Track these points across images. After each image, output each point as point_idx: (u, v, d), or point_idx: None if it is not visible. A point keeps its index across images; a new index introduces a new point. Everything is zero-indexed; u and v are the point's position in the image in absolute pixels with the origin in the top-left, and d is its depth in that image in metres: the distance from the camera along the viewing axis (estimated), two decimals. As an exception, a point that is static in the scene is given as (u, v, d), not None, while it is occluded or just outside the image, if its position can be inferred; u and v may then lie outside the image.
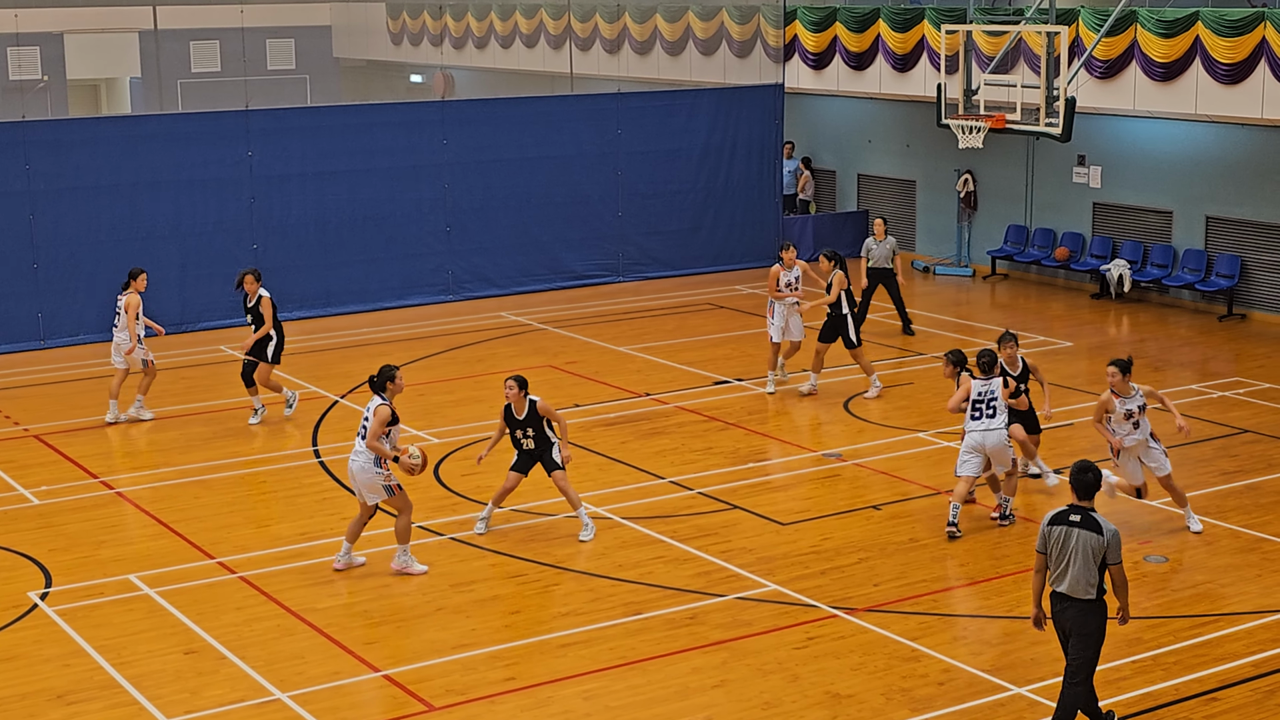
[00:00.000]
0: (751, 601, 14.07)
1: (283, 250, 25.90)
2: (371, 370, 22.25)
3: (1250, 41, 23.08)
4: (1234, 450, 18.44)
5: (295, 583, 14.62)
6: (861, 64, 29.59)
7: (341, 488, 17.34)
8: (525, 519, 16.21)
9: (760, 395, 21.03)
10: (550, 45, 37.20)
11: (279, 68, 47.04)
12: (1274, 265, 25.30)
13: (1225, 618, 13.61)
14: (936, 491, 16.96)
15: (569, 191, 28.53)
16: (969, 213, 30.08)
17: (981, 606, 13.93)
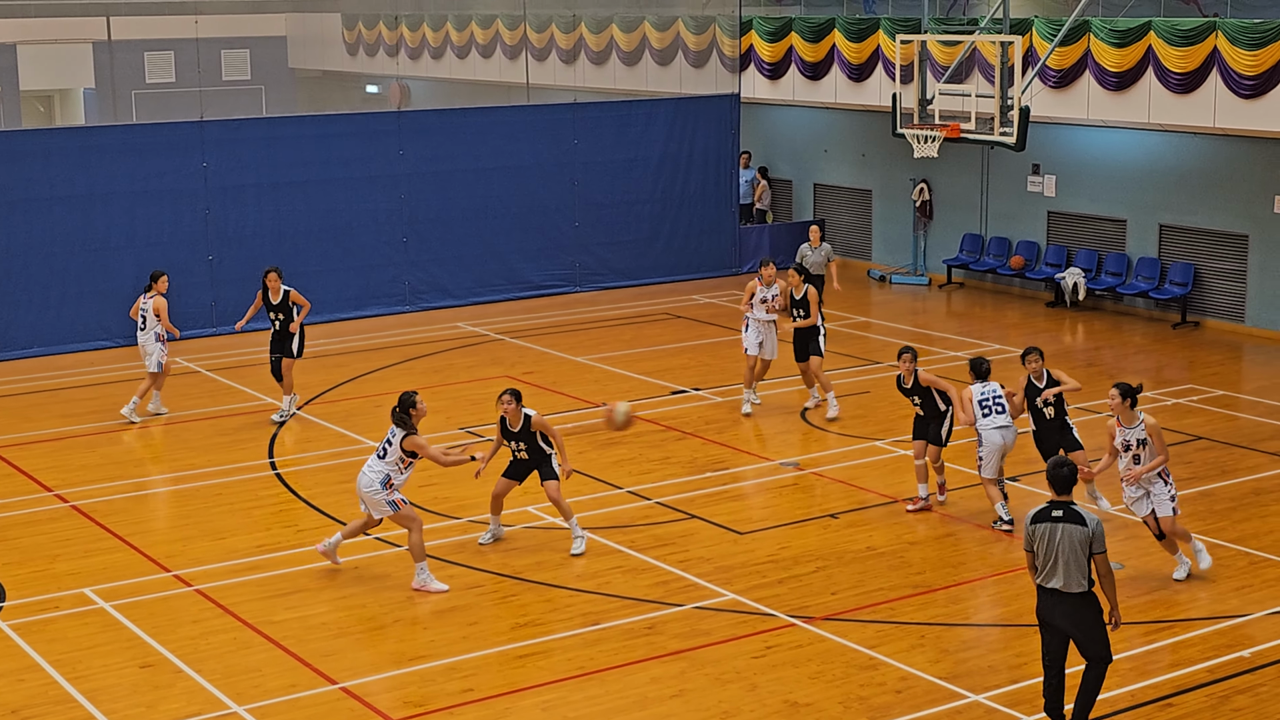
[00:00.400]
0: (709, 611, 14.07)
1: (238, 261, 25.77)
2: (329, 381, 22.30)
3: (1202, 51, 23.25)
4: (1188, 457, 18.55)
5: (252, 595, 14.54)
6: (817, 74, 29.68)
7: (298, 500, 17.28)
8: (484, 529, 16.16)
9: (717, 405, 21.05)
10: (506, 55, 37.18)
11: (234, 78, 46.85)
12: (1227, 273, 25.49)
13: (1180, 624, 13.69)
14: (894, 500, 17.01)
15: (526, 202, 28.52)
16: (925, 222, 30.20)
17: (939, 614, 13.96)
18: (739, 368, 23.19)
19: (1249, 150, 24.64)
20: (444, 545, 15.73)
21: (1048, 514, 11.15)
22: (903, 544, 15.70)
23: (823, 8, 31.09)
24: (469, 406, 20.96)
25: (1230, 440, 19.22)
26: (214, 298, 25.66)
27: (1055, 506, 11.15)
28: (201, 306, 25.61)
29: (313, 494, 17.49)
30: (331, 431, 20.04)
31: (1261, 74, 22.54)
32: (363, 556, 15.46)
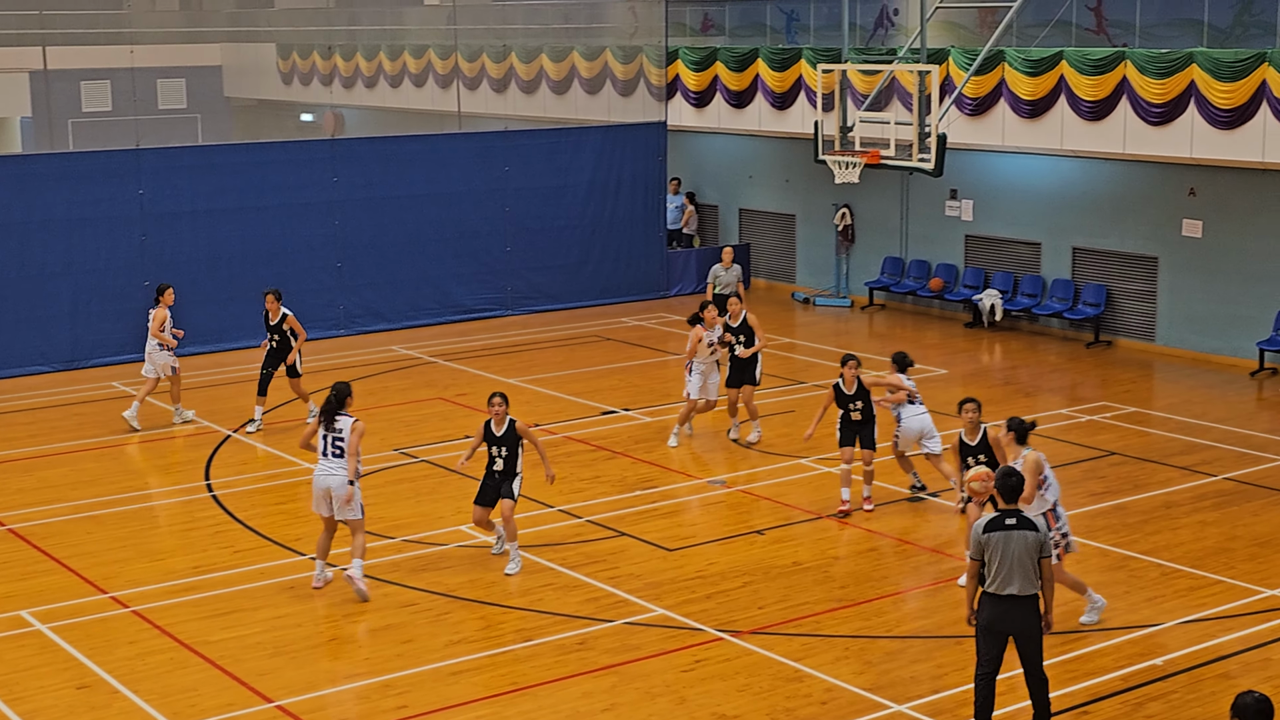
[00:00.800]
0: (639, 626, 14.05)
1: (174, 287, 25.37)
2: (265, 405, 22.12)
3: (1112, 80, 23.53)
4: (1101, 472, 18.72)
5: (189, 616, 14.39)
6: (741, 102, 29.80)
7: (235, 521, 17.13)
8: (417, 549, 16.08)
9: (647, 425, 21.05)
10: (438, 84, 37.10)
11: (170, 107, 46.51)
12: (1138, 294, 25.77)
13: (1095, 633, 13.79)
14: (818, 515, 17.07)
15: (458, 227, 28.45)
16: (847, 245, 30.36)
17: (863, 627, 14.01)
18: (667, 388, 23.25)
19: (1158, 175, 24.94)
20: (379, 565, 15.63)
21: (1001, 522, 11.25)
22: (827, 559, 15.75)
23: (747, 38, 31.25)
24: (403, 429, 20.85)
25: (1142, 455, 19.41)
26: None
27: (1007, 515, 11.27)
28: (138, 331, 25.25)
29: (249, 515, 17.34)
30: (267, 454, 19.89)
31: (1168, 102, 22.84)
32: (299, 576, 15.34)
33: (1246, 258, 24.13)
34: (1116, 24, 24.97)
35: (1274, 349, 23.55)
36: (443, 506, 17.57)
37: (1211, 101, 22.31)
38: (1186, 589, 14.83)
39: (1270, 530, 16.51)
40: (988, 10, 26.86)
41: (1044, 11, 25.25)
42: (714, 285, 24.42)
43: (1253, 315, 24.10)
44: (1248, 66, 21.88)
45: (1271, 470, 18.69)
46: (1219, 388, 23.04)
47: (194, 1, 52.70)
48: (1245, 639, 13.63)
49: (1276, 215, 23.66)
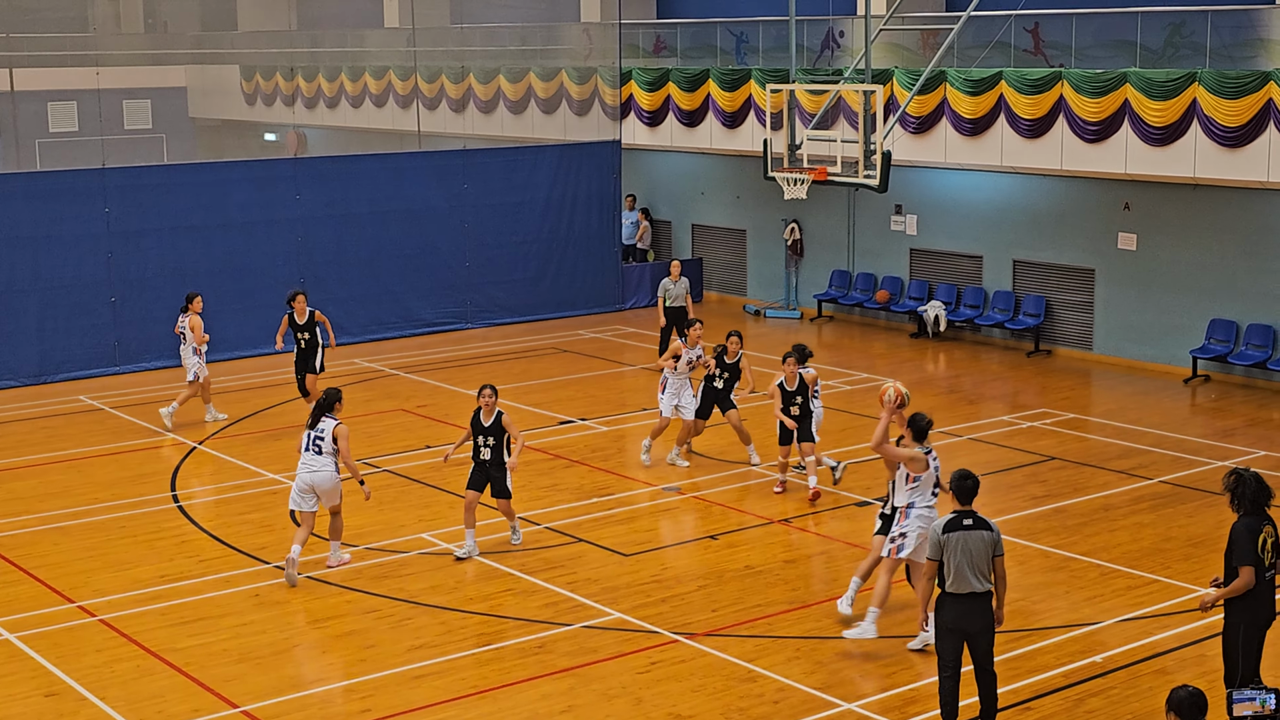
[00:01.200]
0: (597, 630, 14.02)
1: (140, 303, 25.40)
2: (230, 416, 22.00)
3: (1049, 99, 23.68)
4: (1043, 476, 18.81)
5: (155, 624, 14.28)
6: (693, 121, 29.84)
7: (200, 531, 17.02)
8: (380, 556, 16.02)
9: (603, 434, 21.03)
10: (399, 105, 37.03)
11: (136, 127, 46.23)
12: (1076, 304, 25.93)
13: (1037, 632, 13.85)
14: (770, 521, 17.08)
15: (418, 243, 28.38)
16: (796, 259, 30.44)
17: (814, 628, 14.02)
18: (624, 398, 23.26)
19: (1094, 190, 25.11)
20: (342, 572, 15.56)
21: (959, 523, 11.28)
22: (779, 563, 15.77)
23: (698, 59, 31.29)
24: (366, 439, 20.76)
25: (1081, 460, 19.51)
26: (117, 338, 25.25)
27: (964, 515, 11.30)
28: (105, 346, 25.19)
29: (214, 525, 17.22)
30: (232, 465, 19.77)
31: (1103, 120, 23.00)
32: (265, 584, 15.25)
33: (1179, 269, 24.32)
34: (1053, 45, 25.14)
35: (1206, 357, 23.73)
36: (404, 515, 17.50)
37: (1144, 120, 22.49)
38: (1124, 588, 14.92)
39: (1204, 531, 16.62)
40: (929, 32, 27.01)
41: (983, 33, 25.41)
42: (664, 299, 24.43)
43: (1185, 324, 24.28)
44: (1179, 86, 22.06)
45: (1205, 473, 18.83)
46: (1154, 394, 23.20)
47: (159, 24, 52.41)
48: (1181, 636, 13.72)
49: (1208, 228, 23.86)
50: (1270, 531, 11.21)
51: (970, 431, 20.87)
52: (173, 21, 52.44)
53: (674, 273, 24.49)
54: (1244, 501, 11.22)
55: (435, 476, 18.90)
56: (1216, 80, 21.66)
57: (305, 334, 21.34)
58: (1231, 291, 23.70)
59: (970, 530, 11.26)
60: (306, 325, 21.32)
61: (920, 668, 12.96)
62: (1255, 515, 11.21)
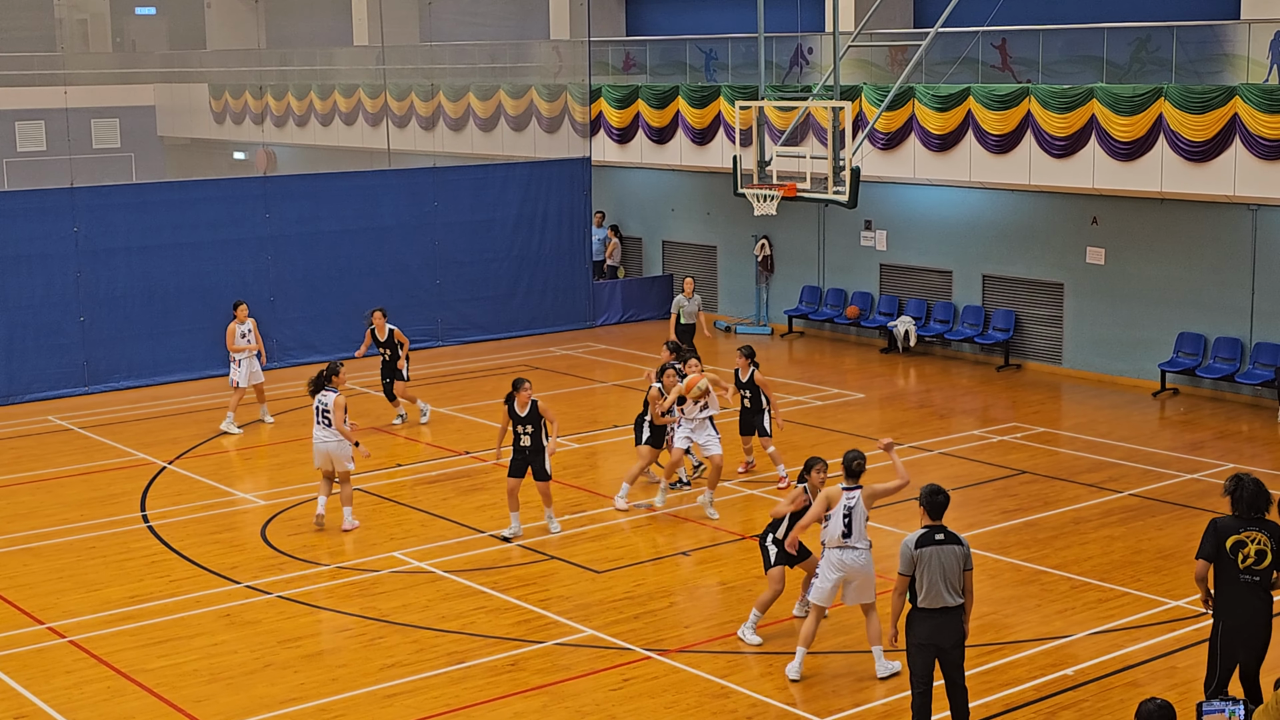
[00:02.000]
0: (569, 647, 14.00)
1: (110, 322, 25.30)
2: (200, 435, 21.93)
3: (1017, 114, 23.80)
4: (1013, 490, 18.86)
5: (125, 645, 14.20)
6: (663, 138, 29.89)
7: (170, 551, 16.93)
8: (351, 575, 15.96)
9: (575, 450, 21.02)
10: (368, 122, 37.00)
11: (104, 146, 46.08)
12: (1045, 319, 26.04)
13: (1009, 645, 13.89)
14: (742, 537, 17.08)
15: (388, 261, 28.33)
16: (766, 275, 30.49)
17: (787, 644, 14.01)
18: (595, 414, 23.24)
19: (1062, 205, 25.24)
20: (314, 591, 15.50)
21: (931, 538, 11.29)
22: (751, 578, 15.76)
23: (667, 76, 31.37)
24: (336, 457, 20.68)
25: (1051, 474, 19.58)
26: (85, 357, 25.13)
27: (936, 530, 11.32)
28: (74, 366, 25.07)
29: (184, 545, 17.14)
30: (202, 484, 19.69)
31: (1071, 135, 23.12)
32: (235, 604, 15.18)
33: (1147, 283, 24.45)
34: (1021, 61, 25.27)
35: (1175, 370, 23.85)
36: (376, 533, 17.45)
37: (1111, 135, 22.61)
38: (1095, 601, 14.97)
39: (1174, 543, 16.69)
40: (898, 48, 27.11)
41: (951, 49, 25.52)
42: (678, 315, 24.41)
43: (1154, 338, 24.41)
44: (1145, 101, 22.20)
45: (1174, 486, 18.92)
46: (1123, 408, 23.30)
47: (127, 43, 52.28)
48: (1151, 648, 13.77)
49: (1175, 243, 24.00)
50: (1256, 538, 11.27)
51: (941, 446, 20.93)
52: (141, 40, 52.34)
53: (688, 289, 24.36)
54: (1239, 504, 11.36)
55: (407, 495, 18.86)
56: (1182, 95, 21.80)
57: (387, 349, 22.16)
58: (1199, 305, 23.84)
59: (943, 545, 11.28)
60: (387, 342, 22.08)
61: (893, 683, 12.98)
62: (1240, 518, 11.32)
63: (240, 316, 22.46)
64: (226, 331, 22.48)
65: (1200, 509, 17.89)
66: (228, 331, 22.45)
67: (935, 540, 11.29)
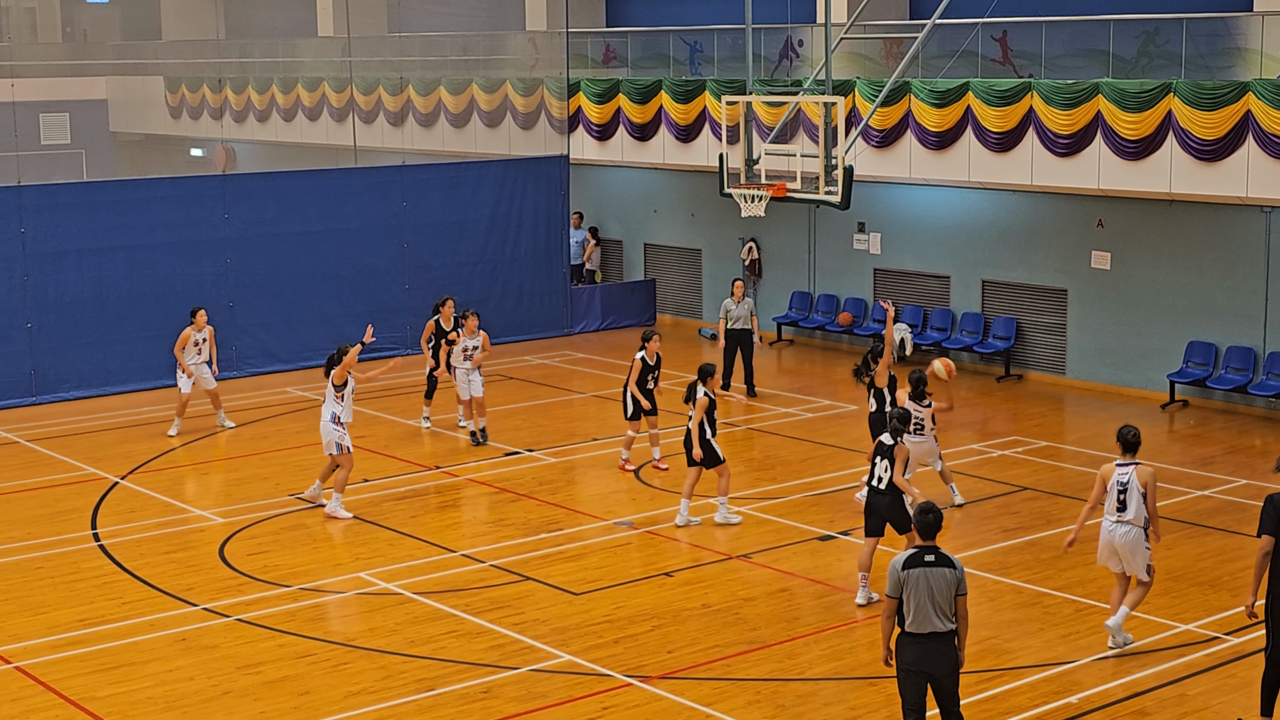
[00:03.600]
0: (546, 673, 14.00)
1: (59, 328, 25.25)
2: (154, 449, 21.89)
3: (1018, 111, 23.88)
4: (1014, 508, 18.91)
5: (75, 671, 14.16)
6: (645, 135, 29.94)
7: (123, 571, 16.90)
8: (315, 597, 15.94)
9: (551, 465, 21.03)
10: (333, 118, 37.00)
11: (53, 142, 46.00)
12: (1048, 326, 26.12)
13: (1009, 672, 13.92)
14: (728, 556, 17.11)
15: (355, 265, 28.32)
16: (754, 280, 30.55)
17: (774, 670, 14.04)
18: (573, 427, 23.26)
19: (1066, 207, 25.33)
20: (274, 614, 15.48)
21: (920, 559, 11.27)
22: (737, 600, 15.78)
23: (650, 69, 31.43)
24: (299, 473, 20.68)
25: (1054, 490, 19.63)
26: (33, 366, 25.07)
27: (927, 551, 11.31)
28: (20, 375, 25.00)
29: (137, 565, 17.10)
30: (157, 501, 19.65)
31: (1075, 133, 23.21)
32: (191, 628, 15.15)
33: (1156, 289, 24.55)
34: (1022, 55, 25.37)
35: (1184, 381, 23.94)
36: (341, 553, 17.44)
37: (1118, 132, 22.71)
38: (1100, 625, 14.99)
39: (1183, 564, 16.75)
40: (893, 41, 27.19)
41: (949, 42, 25.61)
42: (726, 320, 24.49)
43: (1163, 347, 24.50)
44: (1153, 97, 22.30)
45: (1184, 504, 18.98)
46: (1130, 420, 23.21)
47: (78, 33, 52.23)
48: (1160, 675, 13.81)
49: (1185, 246, 24.10)
50: None
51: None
52: (92, 30, 52.29)
53: (737, 292, 24.50)
54: None
55: (374, 512, 18.84)
56: (1192, 91, 21.90)
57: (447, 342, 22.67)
58: (1210, 312, 23.93)
59: (932, 567, 11.27)
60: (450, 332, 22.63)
61: (885, 712, 13.00)
62: None
63: (199, 324, 22.55)
64: (179, 337, 22.52)
65: (1212, 527, 17.96)
66: (180, 337, 22.49)
67: (925, 562, 11.29)
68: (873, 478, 15.41)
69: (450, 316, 22.73)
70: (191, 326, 22.56)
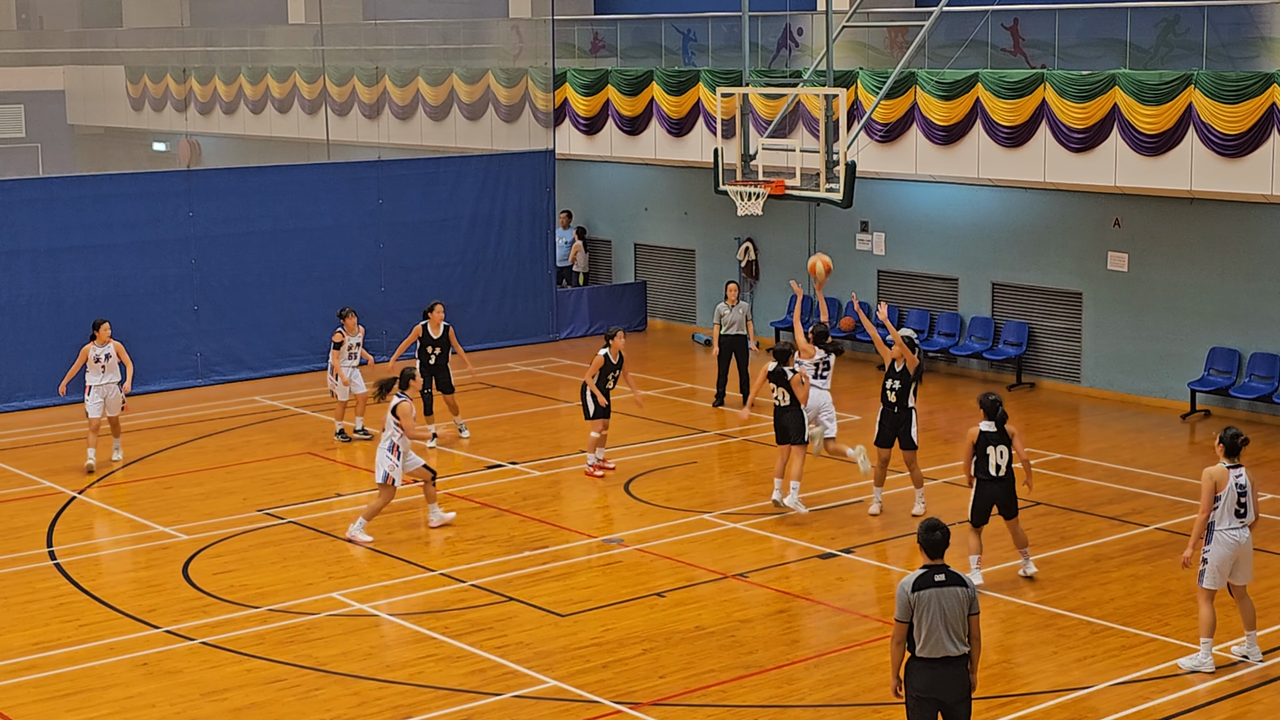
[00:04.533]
0: (530, 700, 13.98)
1: (12, 333, 25.21)
2: (112, 464, 21.82)
3: (1030, 104, 23.91)
4: (1027, 524, 18.84)
5: (29, 697, 14.12)
6: (635, 128, 29.96)
7: (80, 592, 16.85)
8: (285, 619, 15.91)
9: (535, 479, 21.03)
10: (305, 110, 37.00)
11: (7, 136, 45.99)
12: (1062, 332, 26.15)
13: (1022, 698, 13.91)
14: (723, 575, 17.10)
15: (327, 266, 28.29)
16: (751, 282, 30.56)
17: (772, 695, 14.03)
18: (558, 439, 23.25)
19: (1081, 205, 25.36)
20: (243, 636, 15.45)
21: (930, 580, 11.19)
22: (733, 622, 15.77)
23: (640, 59, 31.44)
24: (268, 486, 20.66)
25: (1069, 505, 19.64)
26: (-15, 373, 25.06)
27: (936, 570, 11.25)
28: (-29, 383, 24.99)
29: (96, 585, 17.07)
30: (117, 516, 19.62)
31: (1090, 127, 23.24)
32: (153, 651, 15.12)
33: (1175, 292, 24.58)
34: (1034, 44, 25.41)
35: (1206, 389, 23.97)
36: (312, 571, 17.41)
37: (1135, 126, 22.74)
38: (1118, 648, 15.01)
39: (1205, 583, 16.74)
40: (898, 30, 27.24)
41: (957, 31, 25.64)
42: (719, 325, 24.51)
43: (1183, 353, 24.53)
44: (1173, 89, 22.33)
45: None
46: (1149, 431, 23.41)
47: (34, 20, 52.21)
48: (1181, 700, 13.81)
49: (1206, 247, 24.13)
50: None
51: (945, 475, 20.97)
52: (49, 17, 52.27)
53: (730, 296, 24.57)
54: None
55: (346, 529, 18.80)
56: (1214, 83, 21.94)
57: (437, 348, 22.57)
58: (1233, 317, 23.97)
59: (944, 587, 11.23)
60: (441, 339, 22.54)
61: (892, 739, 13.00)
62: None
63: (101, 338, 21.58)
64: (80, 353, 21.62)
65: (1235, 544, 17.96)
66: (81, 353, 21.55)
67: (935, 582, 11.25)
68: None
69: (439, 323, 22.63)
70: (93, 342, 21.60)
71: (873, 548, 17.92)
